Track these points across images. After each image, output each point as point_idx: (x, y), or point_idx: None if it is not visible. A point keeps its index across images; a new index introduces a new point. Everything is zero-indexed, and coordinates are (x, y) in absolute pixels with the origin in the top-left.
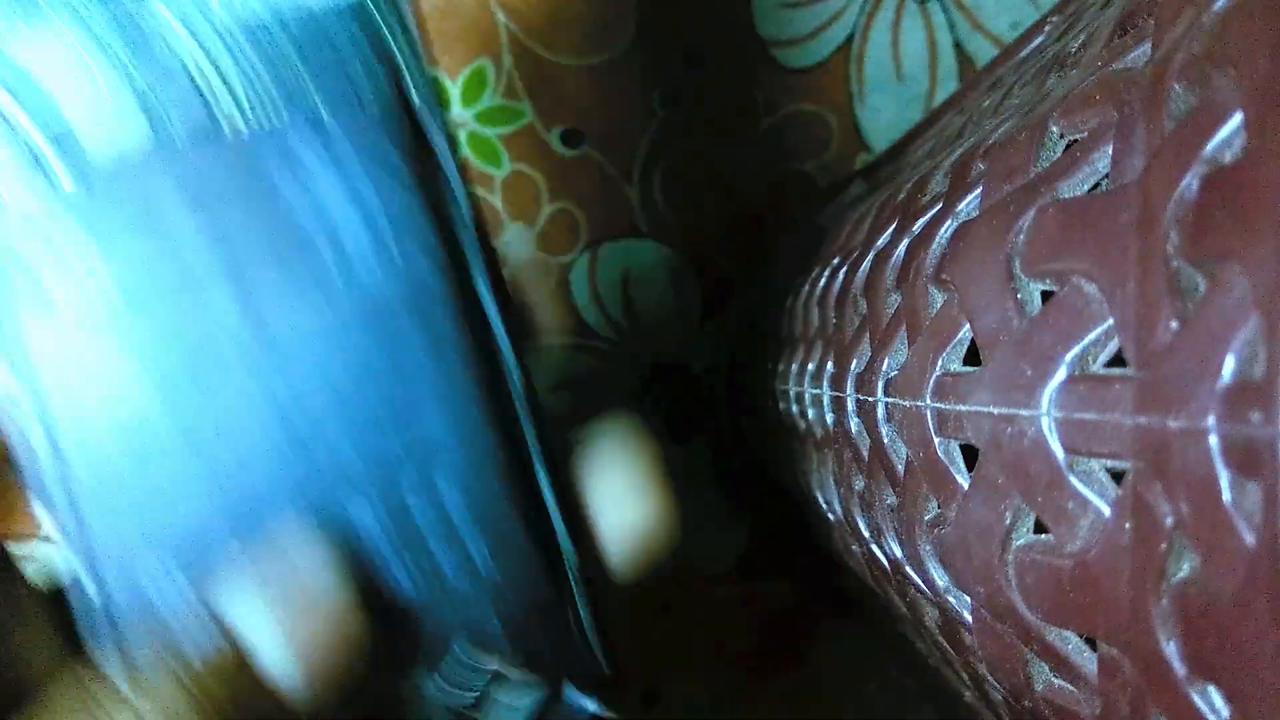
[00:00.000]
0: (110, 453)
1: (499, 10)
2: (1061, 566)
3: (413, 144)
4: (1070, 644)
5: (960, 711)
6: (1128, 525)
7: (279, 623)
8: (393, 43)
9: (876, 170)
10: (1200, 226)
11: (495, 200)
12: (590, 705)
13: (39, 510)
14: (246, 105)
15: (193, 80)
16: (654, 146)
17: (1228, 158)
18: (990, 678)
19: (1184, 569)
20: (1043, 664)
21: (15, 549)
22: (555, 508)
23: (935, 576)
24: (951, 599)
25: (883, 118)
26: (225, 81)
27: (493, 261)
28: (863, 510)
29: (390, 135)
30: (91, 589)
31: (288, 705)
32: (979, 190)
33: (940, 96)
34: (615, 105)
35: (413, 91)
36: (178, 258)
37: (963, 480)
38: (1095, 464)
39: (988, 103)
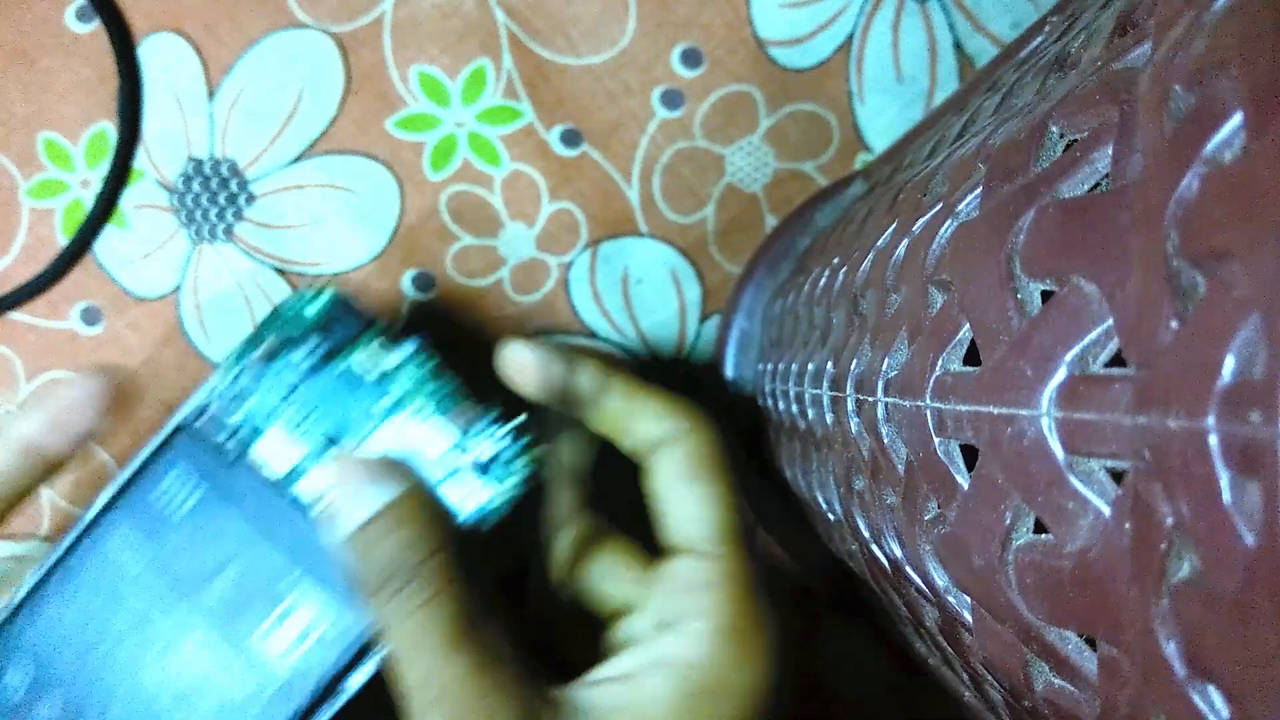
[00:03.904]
0: None
1: (499, 10)
2: (1061, 566)
3: None
4: (1070, 644)
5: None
6: (1128, 525)
7: None
8: None
9: (876, 170)
10: (1200, 226)
11: (495, 200)
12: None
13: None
14: None
15: None
16: (654, 146)
17: (1228, 158)
18: (990, 678)
19: (1184, 569)
20: (1043, 664)
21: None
22: None
23: (935, 576)
24: (951, 599)
25: (883, 118)
26: None
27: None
28: (862, 510)
29: None
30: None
31: None
32: (979, 190)
33: (940, 96)
34: (615, 105)
35: None
36: None
37: (963, 480)
38: (1095, 464)
39: (988, 103)
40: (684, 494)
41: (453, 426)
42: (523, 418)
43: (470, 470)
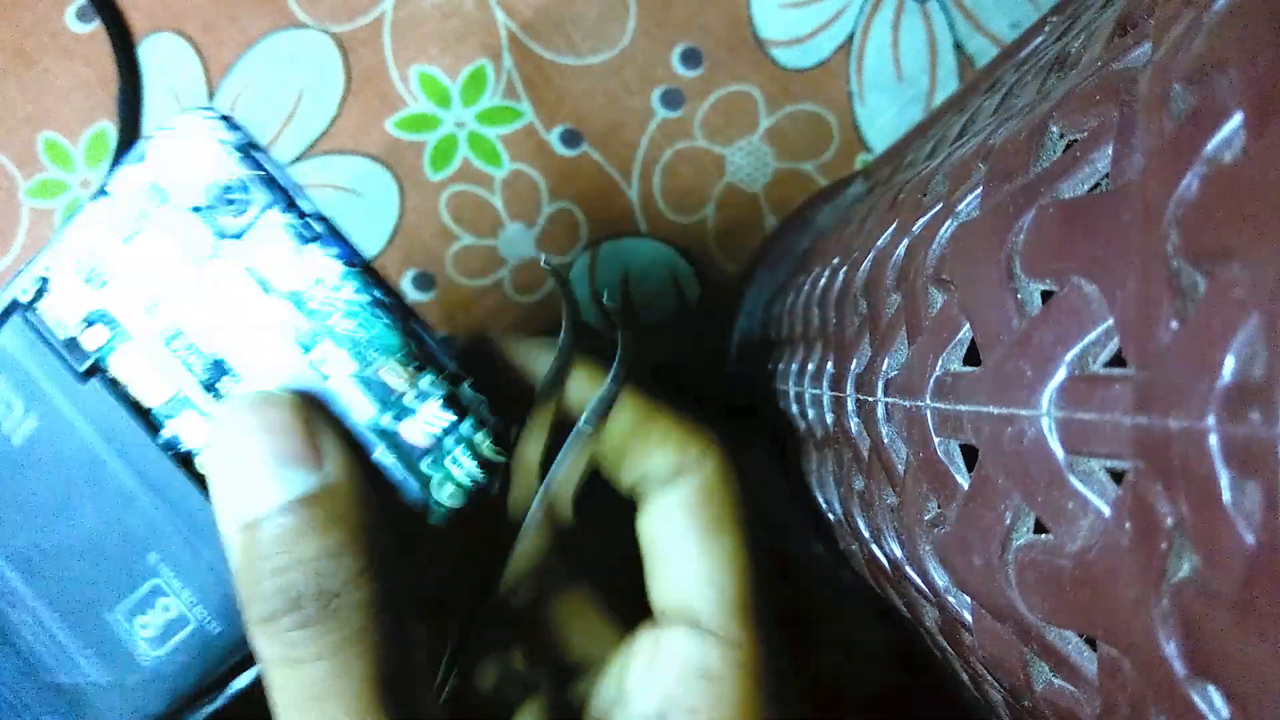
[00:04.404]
0: None
1: (499, 10)
2: (1061, 566)
3: None
4: (1070, 644)
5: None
6: (1128, 525)
7: None
8: None
9: (876, 170)
10: (1200, 226)
11: (495, 200)
12: None
13: None
14: None
15: None
16: (654, 146)
17: (1228, 158)
18: (990, 678)
19: (1184, 569)
20: (1043, 664)
21: None
22: None
23: (935, 576)
24: (951, 599)
25: (883, 118)
26: None
27: None
28: (863, 510)
29: None
30: None
31: None
32: (979, 190)
33: (940, 96)
34: (615, 105)
35: None
36: None
37: (963, 480)
38: (1095, 464)
39: (988, 103)
40: (690, 545)
41: (385, 383)
42: (468, 386)
43: (397, 450)
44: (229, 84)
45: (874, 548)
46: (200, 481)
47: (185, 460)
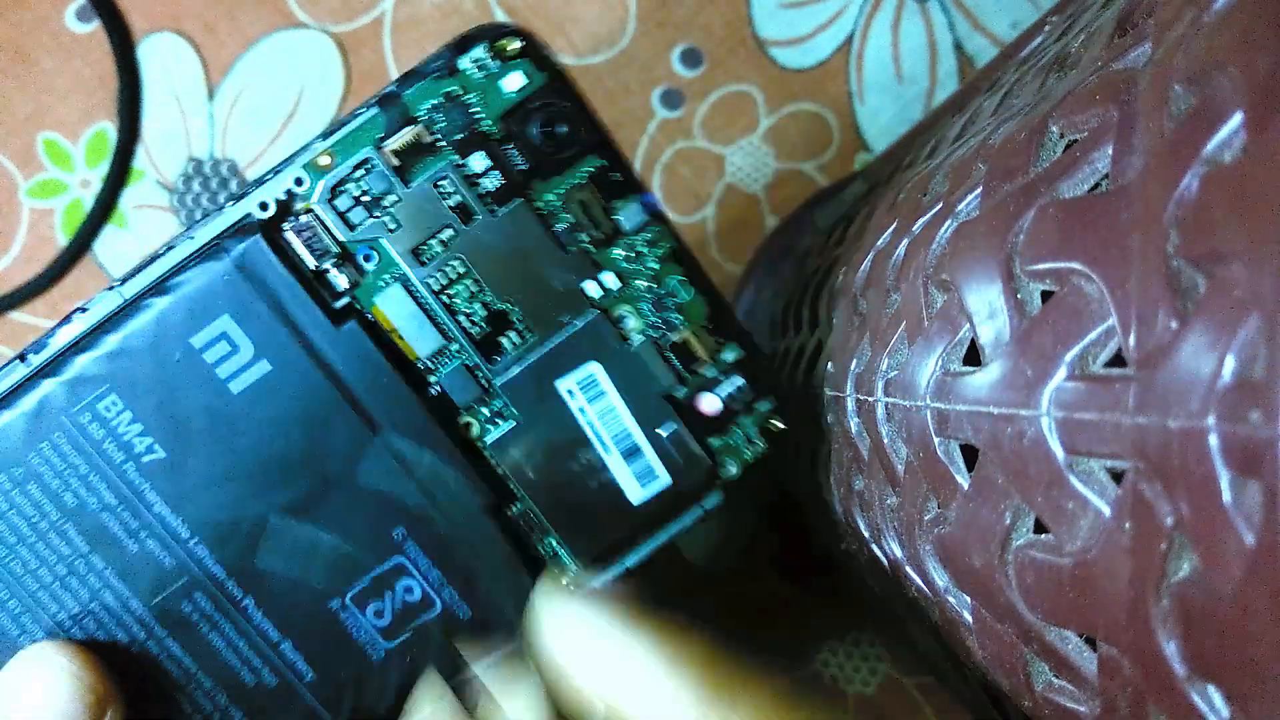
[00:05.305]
0: None
1: (499, 10)
2: (1061, 566)
3: None
4: (1070, 644)
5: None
6: (1128, 525)
7: None
8: None
9: (876, 170)
10: (1200, 226)
11: None
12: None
13: None
14: None
15: None
16: (654, 146)
17: (1228, 158)
18: (990, 678)
19: (1184, 569)
20: (1043, 664)
21: None
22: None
23: (935, 576)
24: (951, 599)
25: (883, 118)
26: None
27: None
28: (863, 510)
29: None
30: None
31: None
32: (979, 190)
33: (940, 96)
34: (615, 105)
35: None
36: None
37: (963, 480)
38: (1095, 464)
39: (988, 103)
40: None
41: (685, 349)
42: (748, 377)
43: (686, 420)
44: (229, 84)
45: (874, 548)
46: (461, 443)
47: (446, 421)
